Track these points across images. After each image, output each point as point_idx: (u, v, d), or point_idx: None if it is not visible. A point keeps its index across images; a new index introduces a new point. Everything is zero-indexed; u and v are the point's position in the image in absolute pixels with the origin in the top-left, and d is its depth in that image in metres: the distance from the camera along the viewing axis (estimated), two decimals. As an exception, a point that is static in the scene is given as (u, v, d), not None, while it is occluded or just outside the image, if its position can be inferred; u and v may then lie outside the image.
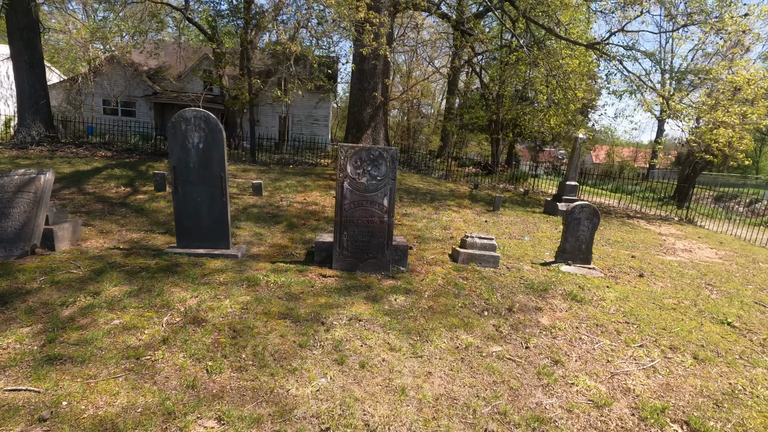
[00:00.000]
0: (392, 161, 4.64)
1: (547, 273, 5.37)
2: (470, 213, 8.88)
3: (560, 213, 9.35)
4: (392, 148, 4.63)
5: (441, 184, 13.17)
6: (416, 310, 3.89)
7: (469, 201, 10.36)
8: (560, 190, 9.62)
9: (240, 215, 6.87)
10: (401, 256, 5.03)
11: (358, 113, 13.35)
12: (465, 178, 16.41)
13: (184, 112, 4.52)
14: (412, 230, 6.96)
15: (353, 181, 4.62)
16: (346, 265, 4.77)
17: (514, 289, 4.68)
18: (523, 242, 6.92)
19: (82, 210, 6.35)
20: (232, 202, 7.74)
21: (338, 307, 3.79)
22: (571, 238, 5.67)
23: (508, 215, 9.08)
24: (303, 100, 27.99)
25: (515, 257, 5.98)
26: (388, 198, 4.70)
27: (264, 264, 4.73)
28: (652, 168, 40.64)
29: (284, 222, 6.68)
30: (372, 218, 4.72)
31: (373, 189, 4.67)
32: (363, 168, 4.63)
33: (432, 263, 5.33)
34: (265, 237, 5.85)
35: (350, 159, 4.60)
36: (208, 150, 4.63)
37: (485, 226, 7.86)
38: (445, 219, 8.04)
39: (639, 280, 5.59)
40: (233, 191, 8.69)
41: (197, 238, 4.88)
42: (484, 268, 5.35)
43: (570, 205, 6.02)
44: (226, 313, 3.49)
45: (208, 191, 4.74)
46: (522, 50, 14.74)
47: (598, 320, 4.09)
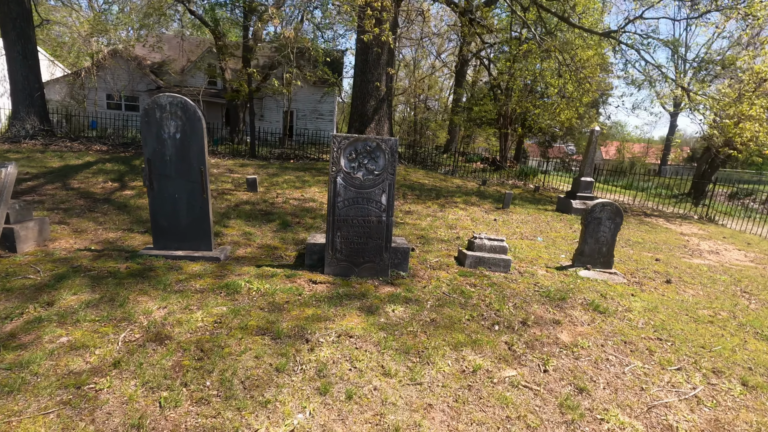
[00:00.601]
0: (391, 154, 4.12)
1: (564, 279, 4.83)
2: (478, 211, 8.34)
3: (574, 211, 8.77)
4: (391, 139, 4.12)
5: (447, 180, 12.62)
6: (417, 324, 3.38)
7: (477, 198, 9.81)
8: (574, 186, 9.04)
9: (230, 212, 6.41)
10: (401, 259, 4.53)
11: (361, 106, 12.83)
12: (472, 174, 15.84)
13: (158, 98, 4.05)
14: (415, 229, 6.45)
15: (347, 176, 4.12)
16: (339, 269, 4.28)
17: (528, 298, 4.16)
18: (536, 243, 6.38)
19: (60, 207, 5.93)
20: (224, 198, 7.29)
21: (327, 320, 3.31)
22: (591, 239, 5.12)
23: (519, 213, 8.53)
24: (307, 95, 27.55)
25: (528, 260, 5.44)
26: (386, 195, 4.20)
27: (248, 268, 4.25)
28: (663, 164, 39.69)
29: (277, 220, 6.21)
30: (368, 217, 4.22)
31: (370, 185, 4.16)
32: (358, 161, 4.12)
33: (436, 267, 4.82)
34: (254, 237, 5.37)
35: (344, 151, 4.10)
36: (186, 141, 4.15)
37: (494, 225, 7.32)
38: (451, 217, 7.51)
39: (666, 287, 5.03)
40: (227, 187, 8.24)
41: (175, 239, 4.41)
42: (493, 273, 4.83)
43: (588, 204, 5.46)
44: (196, 328, 3.02)
45: (187, 187, 4.27)
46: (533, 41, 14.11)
47: (625, 336, 3.56)
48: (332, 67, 25.20)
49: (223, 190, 7.87)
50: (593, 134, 8.61)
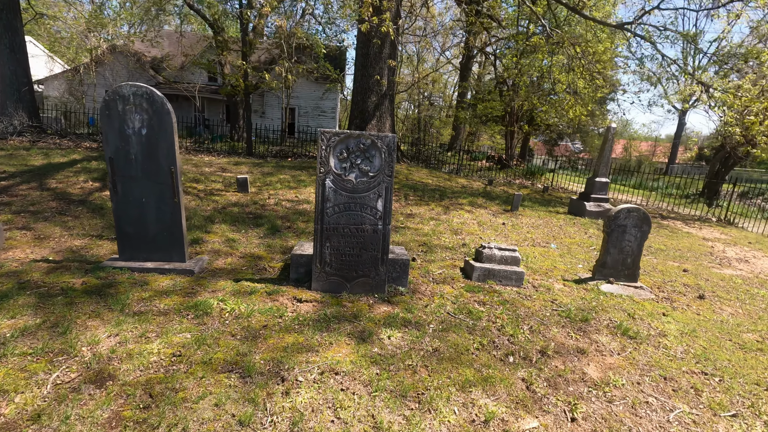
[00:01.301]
0: (389, 153, 3.58)
1: (584, 295, 4.27)
2: (485, 213, 7.77)
3: (588, 214, 8.18)
4: (388, 136, 3.56)
5: (452, 179, 12.04)
6: (416, 356, 2.84)
7: (483, 199, 9.24)
8: (588, 187, 8.45)
9: (216, 216, 5.88)
10: (400, 272, 3.98)
11: (361, 102, 12.27)
12: (478, 172, 15.26)
13: (120, 87, 3.51)
14: (417, 235, 5.90)
15: (338, 178, 3.58)
16: (328, 285, 3.74)
17: (545, 320, 3.60)
18: (550, 251, 5.81)
19: (29, 209, 5.43)
20: (211, 199, 6.76)
21: (310, 351, 2.77)
22: (614, 249, 4.55)
23: (529, 216, 7.95)
24: (309, 91, 27.01)
25: (542, 272, 4.88)
26: (383, 200, 3.65)
27: (225, 283, 3.72)
28: (671, 163, 38.87)
29: (266, 225, 5.68)
30: (362, 226, 3.67)
31: (364, 188, 3.62)
32: (351, 161, 3.58)
33: (440, 281, 4.27)
34: (238, 244, 4.84)
35: (334, 149, 3.55)
36: (154, 137, 3.62)
37: (503, 229, 6.75)
38: (456, 221, 6.95)
39: (700, 304, 4.46)
40: (216, 187, 7.72)
41: (144, 249, 3.89)
42: (504, 287, 4.28)
43: (604, 206, 4.88)
44: (148, 364, 2.49)
45: (155, 190, 3.74)
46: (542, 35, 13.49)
47: (664, 369, 3.00)
48: (335, 63, 24.64)
49: (211, 191, 7.36)
50: (609, 132, 8.01)
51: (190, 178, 8.27)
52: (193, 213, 5.88)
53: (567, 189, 13.83)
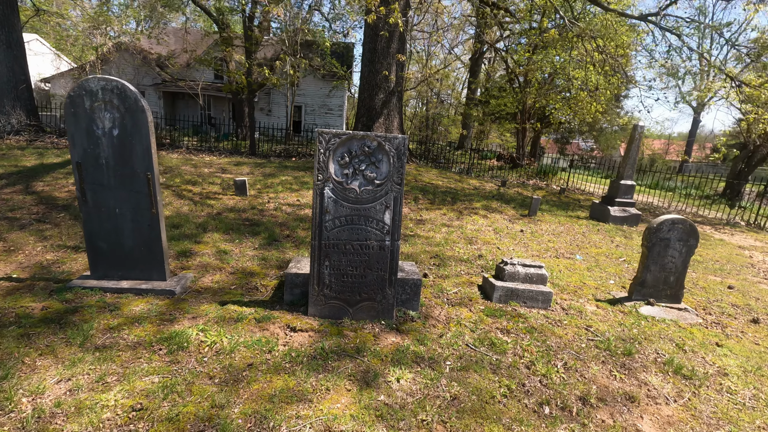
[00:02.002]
0: (398, 157, 3.05)
1: (622, 319, 3.72)
2: (501, 219, 7.21)
3: (612, 219, 7.57)
4: (397, 137, 3.04)
5: (463, 180, 11.48)
6: (431, 407, 2.33)
7: (497, 202, 8.67)
8: (612, 190, 7.84)
9: (209, 223, 5.41)
10: (411, 294, 3.47)
11: (368, 99, 11.74)
12: (489, 172, 14.67)
13: (87, 82, 3.04)
14: (428, 245, 5.37)
15: (339, 186, 3.06)
16: (327, 310, 3.23)
17: (582, 353, 3.06)
18: (576, 263, 5.25)
19: (7, 216, 5.00)
20: (206, 204, 6.30)
21: (302, 401, 2.27)
22: (655, 266, 3.98)
23: (548, 222, 7.37)
24: (316, 89, 26.56)
25: (571, 289, 4.33)
26: (391, 212, 3.13)
27: (209, 306, 3.24)
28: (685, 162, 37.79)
29: (263, 233, 5.19)
30: (367, 242, 3.16)
31: (369, 199, 3.10)
32: (354, 167, 3.06)
33: (455, 302, 3.75)
34: (229, 257, 4.36)
35: (334, 153, 3.04)
36: (127, 139, 3.14)
37: (521, 238, 6.19)
38: (470, 228, 6.41)
39: (756, 330, 3.87)
40: (213, 190, 7.26)
41: (119, 266, 3.42)
42: (530, 309, 3.74)
43: (654, 220, 4.32)
44: (99, 423, 2.00)
45: (131, 199, 3.27)
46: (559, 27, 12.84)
47: (736, 425, 2.45)
48: (342, 60, 24.12)
49: (207, 194, 6.90)
50: (636, 131, 7.39)
51: (187, 180, 7.83)
52: (185, 220, 5.42)
53: (584, 190, 13.17)
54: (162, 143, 12.05)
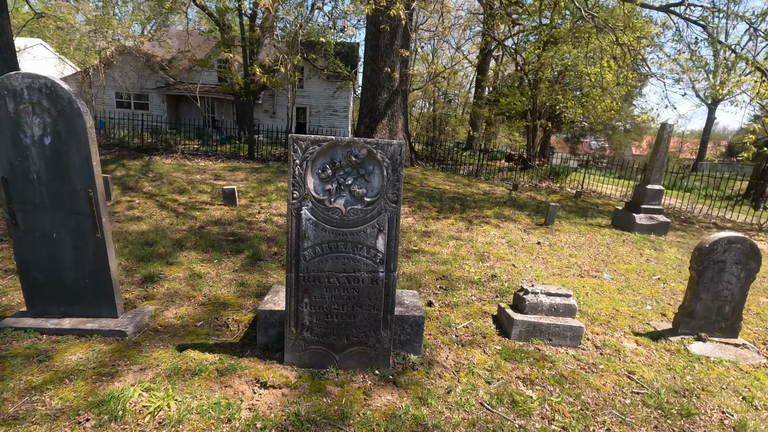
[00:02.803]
0: (393, 168, 2.44)
1: (670, 361, 3.05)
2: (515, 229, 6.55)
3: (638, 228, 6.86)
4: (392, 144, 2.43)
5: (472, 184, 10.81)
6: None
7: (510, 209, 7.99)
8: (637, 196, 7.13)
9: (188, 239, 4.84)
10: (412, 334, 2.85)
11: (371, 99, 11.14)
12: (498, 174, 13.97)
13: (7, 79, 2.47)
14: (434, 262, 4.74)
15: (320, 205, 2.46)
16: (308, 357, 2.63)
17: (627, 413, 2.41)
18: (603, 283, 4.58)
19: (-38, 233, 4.49)
20: (190, 216, 5.75)
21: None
22: (707, 294, 3.31)
23: (567, 232, 6.69)
24: (321, 90, 26.10)
25: (602, 319, 3.66)
26: (385, 236, 2.52)
27: (164, 353, 2.65)
28: (700, 160, 36.68)
29: (247, 251, 4.61)
30: (356, 273, 2.55)
31: (358, 220, 2.49)
32: (338, 181, 2.45)
33: (466, 340, 3.12)
34: (203, 282, 3.78)
35: (313, 165, 2.43)
36: (62, 149, 2.57)
37: (539, 251, 5.53)
38: (481, 240, 5.76)
39: (835, 373, 3.17)
40: (201, 199, 6.72)
41: (60, 301, 2.85)
42: (556, 349, 3.09)
43: (706, 239, 3.73)
44: None
45: (70, 222, 2.70)
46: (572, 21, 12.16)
47: None
48: (346, 60, 23.59)
49: (194, 204, 6.35)
50: (665, 130, 6.68)
51: (175, 188, 7.30)
52: (162, 236, 4.86)
53: (600, 193, 12.41)
54: (156, 148, 11.58)
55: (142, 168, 8.96)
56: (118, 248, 4.39)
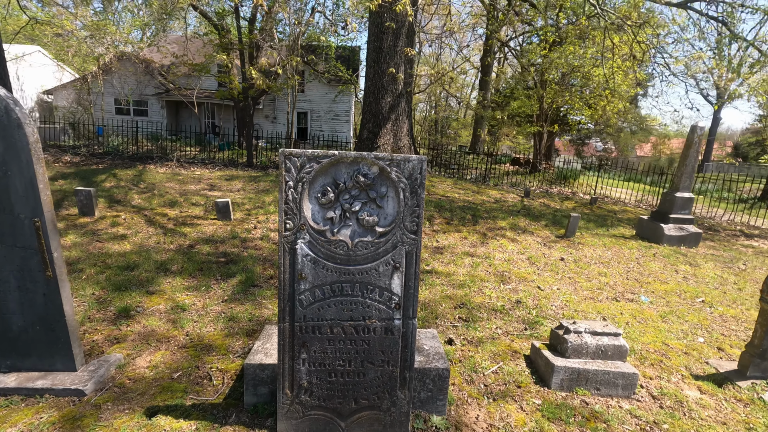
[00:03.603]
0: (412, 190, 1.93)
1: (746, 415, 2.51)
2: (534, 242, 6.02)
3: (667, 240, 6.32)
4: (411, 159, 1.92)
5: (481, 190, 10.29)
6: None
7: (525, 219, 7.46)
8: (665, 204, 6.59)
9: (174, 261, 4.34)
10: (434, 390, 2.32)
11: (374, 103, 10.65)
12: (506, 178, 13.45)
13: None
14: (450, 285, 4.22)
15: (320, 238, 1.95)
16: (307, 426, 2.10)
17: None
18: (643, 308, 4.04)
19: None
20: (179, 233, 5.25)
21: None
22: (782, 330, 2.77)
23: (591, 245, 6.15)
24: (322, 94, 25.73)
25: (652, 357, 3.13)
26: (402, 275, 2.01)
27: (129, 420, 2.13)
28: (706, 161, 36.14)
29: (240, 275, 4.10)
30: (365, 322, 2.04)
31: (368, 256, 1.98)
32: (342, 207, 1.95)
33: (497, 392, 2.59)
34: (186, 317, 3.27)
35: (311, 187, 1.92)
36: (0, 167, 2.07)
37: (564, 269, 5.00)
38: (499, 257, 5.23)
39: None
40: (193, 213, 6.22)
41: (6, 352, 2.35)
42: (607, 400, 2.56)
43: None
44: None
45: (14, 258, 2.20)
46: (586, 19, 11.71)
47: None
48: (347, 64, 23.19)
49: (184, 219, 5.85)
50: (695, 133, 6.15)
51: (166, 201, 6.81)
52: (145, 258, 4.36)
53: (615, 199, 11.86)
54: (151, 156, 11.13)
55: (133, 178, 8.49)
56: (93, 274, 3.89)
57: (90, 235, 4.95)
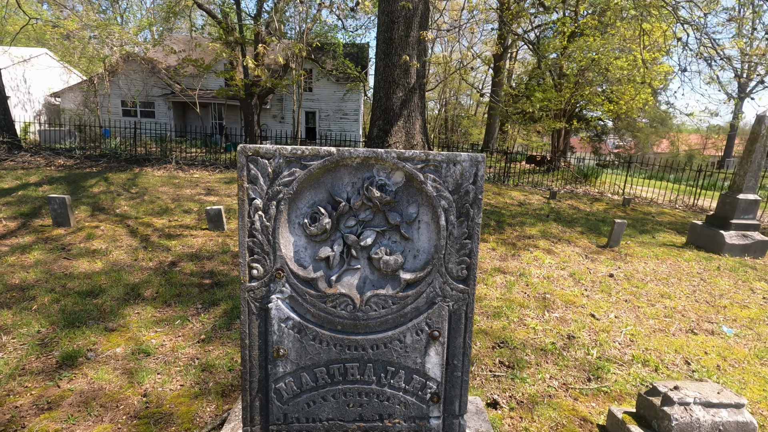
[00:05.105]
0: (461, 210, 1.14)
1: None
2: (573, 254, 5.17)
3: (729, 249, 5.42)
4: (461, 160, 1.13)
5: (502, 191, 9.45)
6: None
7: (557, 225, 6.61)
8: (724, 207, 5.68)
9: (148, 283, 3.62)
10: None
11: (385, 98, 9.87)
12: (524, 177, 12.57)
13: None
14: (483, 314, 3.43)
15: (307, 290, 1.17)
16: None
17: None
18: (729, 343, 3.19)
19: None
20: (163, 246, 4.54)
21: None
22: None
23: (640, 256, 5.28)
24: (330, 93, 25.13)
25: None
26: (443, 348, 1.22)
27: None
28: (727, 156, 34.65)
29: (224, 302, 3.36)
30: (385, 422, 1.25)
31: (387, 319, 1.20)
32: (343, 239, 1.16)
33: (573, 495, 1.79)
34: (148, 366, 2.53)
35: (291, 209, 1.14)
36: None
37: (617, 289, 4.16)
38: (536, 273, 4.41)
39: None
40: (185, 222, 5.53)
41: None
42: None
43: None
44: None
45: None
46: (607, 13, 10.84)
47: None
48: (356, 61, 22.51)
49: (172, 230, 5.15)
50: (762, 124, 5.25)
51: (157, 207, 6.14)
52: (115, 280, 3.65)
53: (650, 200, 10.89)
54: (149, 158, 10.51)
55: (126, 182, 7.86)
56: (46, 303, 3.19)
57: (58, 251, 4.27)
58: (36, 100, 26.71)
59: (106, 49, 22.47)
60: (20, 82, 26.05)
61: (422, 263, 1.21)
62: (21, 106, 25.69)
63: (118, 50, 22.61)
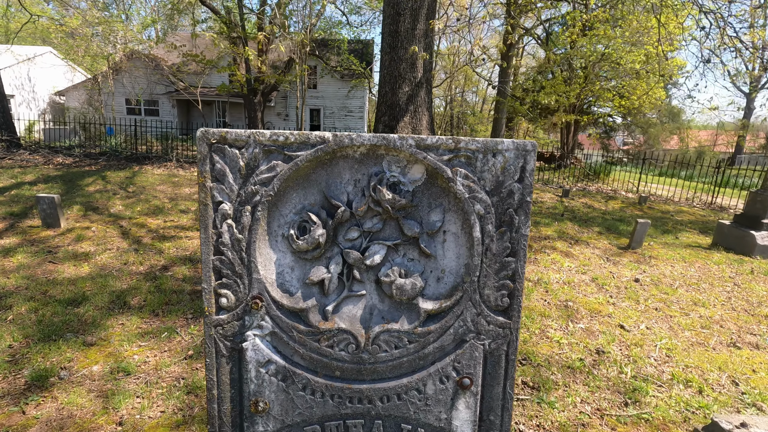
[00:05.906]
0: (503, 216, 0.82)
1: None
2: (593, 256, 4.84)
3: (761, 251, 5.05)
4: (504, 148, 0.81)
5: (512, 190, 9.10)
6: None
7: (573, 225, 6.27)
8: (754, 206, 5.31)
9: (136, 291, 3.35)
10: None
11: (391, 93, 9.52)
12: (534, 173, 12.22)
13: None
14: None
15: (294, 326, 0.86)
16: None
17: None
18: (778, 360, 2.86)
19: None
20: (157, 249, 4.26)
21: None
22: None
23: (665, 259, 4.93)
24: (334, 90, 24.86)
25: None
26: (475, 401, 0.91)
27: None
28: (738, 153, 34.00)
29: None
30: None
31: (402, 363, 0.89)
32: (342, 255, 0.85)
33: None
34: (127, 386, 2.25)
35: (271, 215, 0.83)
36: None
37: (644, 296, 3.82)
38: (555, 278, 4.08)
39: None
40: (181, 223, 5.26)
41: None
42: None
43: None
44: None
45: None
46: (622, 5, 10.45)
47: None
48: (360, 58, 22.22)
49: (166, 231, 4.89)
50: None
51: (152, 207, 5.88)
52: (101, 286, 3.38)
53: (666, 198, 10.49)
54: (149, 156, 10.29)
55: (123, 180, 7.62)
56: (24, 312, 2.93)
57: (44, 254, 4.02)
58: (41, 99, 26.73)
59: (110, 47, 22.37)
60: (25, 81, 26.02)
61: (449, 288, 0.90)
62: (26, 105, 25.68)
63: (121, 48, 22.50)
